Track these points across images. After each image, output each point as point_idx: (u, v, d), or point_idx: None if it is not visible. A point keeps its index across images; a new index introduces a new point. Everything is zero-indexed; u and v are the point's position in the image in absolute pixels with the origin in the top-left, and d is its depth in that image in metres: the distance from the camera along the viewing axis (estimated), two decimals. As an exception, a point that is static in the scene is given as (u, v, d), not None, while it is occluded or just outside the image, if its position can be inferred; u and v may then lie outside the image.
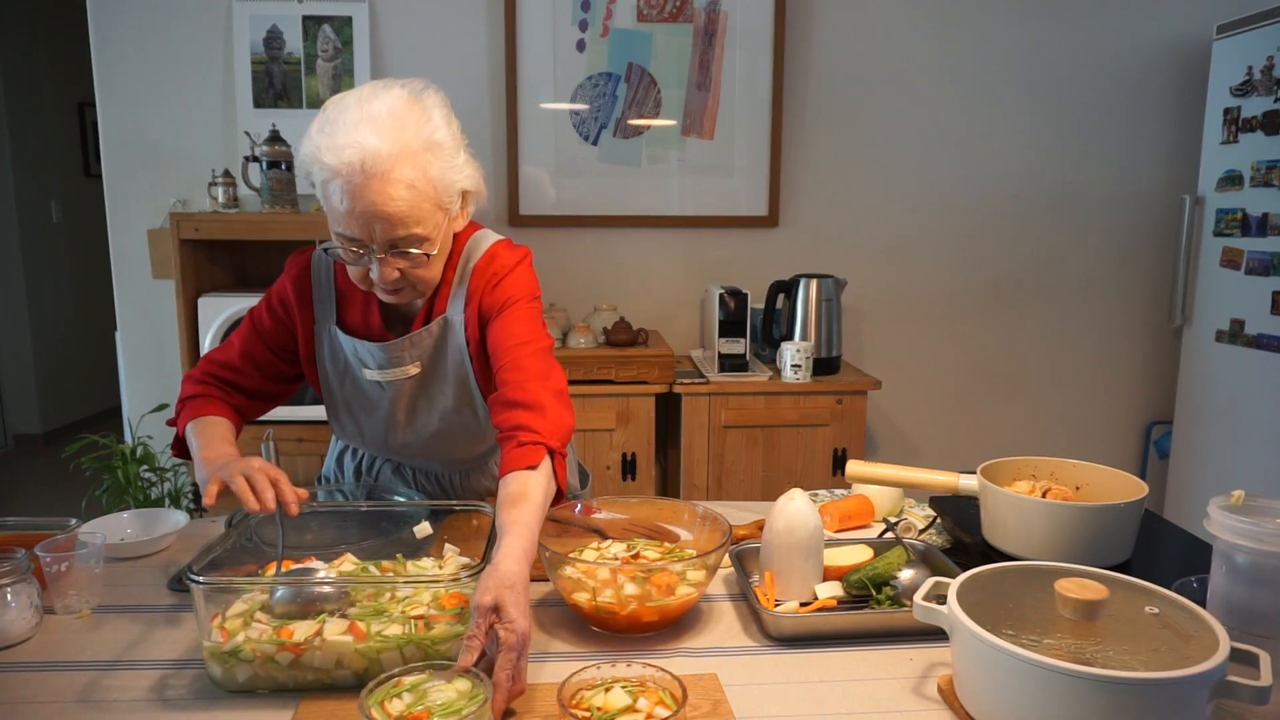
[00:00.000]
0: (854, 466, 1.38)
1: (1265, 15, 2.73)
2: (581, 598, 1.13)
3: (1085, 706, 0.82)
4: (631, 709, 0.89)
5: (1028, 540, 1.22)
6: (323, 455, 1.71)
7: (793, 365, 2.74)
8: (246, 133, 2.84)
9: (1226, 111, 2.89)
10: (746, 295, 2.79)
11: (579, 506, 1.35)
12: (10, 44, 4.90)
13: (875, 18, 3.09)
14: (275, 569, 1.12)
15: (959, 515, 1.40)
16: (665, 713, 0.88)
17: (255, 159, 2.73)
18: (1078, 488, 1.34)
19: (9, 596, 1.11)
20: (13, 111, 4.90)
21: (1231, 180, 2.89)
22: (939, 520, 1.50)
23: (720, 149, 3.09)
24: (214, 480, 1.14)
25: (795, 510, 1.20)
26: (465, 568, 1.14)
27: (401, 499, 1.43)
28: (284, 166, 2.68)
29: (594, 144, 3.05)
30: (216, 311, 2.60)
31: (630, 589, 1.12)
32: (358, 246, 1.23)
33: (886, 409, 3.35)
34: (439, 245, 1.28)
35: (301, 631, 0.99)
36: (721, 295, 2.78)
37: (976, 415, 3.38)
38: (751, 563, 1.31)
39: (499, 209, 3.05)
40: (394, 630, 1.00)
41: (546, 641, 1.13)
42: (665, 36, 3.02)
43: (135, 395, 3.03)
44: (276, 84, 2.92)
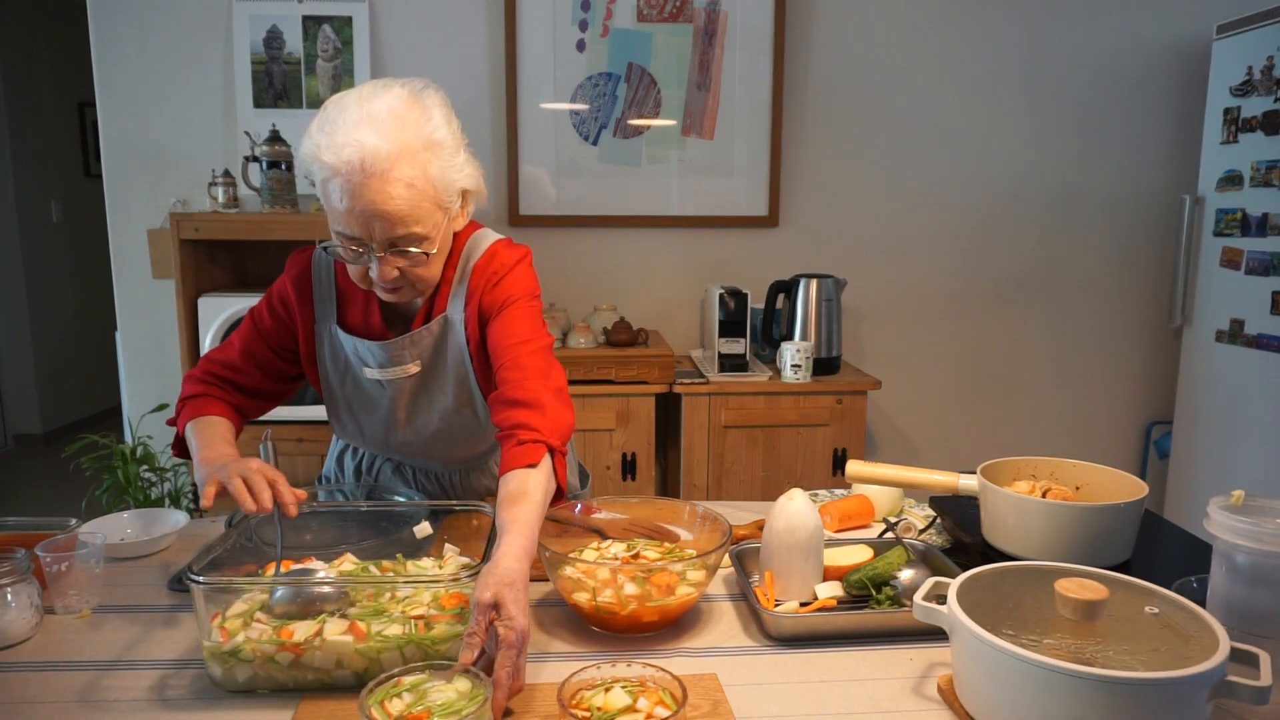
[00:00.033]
0: (854, 466, 1.38)
1: (1265, 15, 2.73)
2: (581, 598, 1.13)
3: (1085, 706, 0.82)
4: (631, 709, 0.89)
5: (1028, 540, 1.22)
6: (323, 455, 1.71)
7: (793, 365, 2.74)
8: (246, 133, 2.84)
9: (1226, 111, 2.89)
10: (746, 295, 2.79)
11: (579, 506, 1.35)
12: (10, 44, 4.90)
13: (875, 18, 3.09)
14: (275, 569, 1.12)
15: (959, 515, 1.40)
16: (665, 713, 0.88)
17: (255, 159, 2.73)
18: (1078, 488, 1.34)
19: (9, 596, 1.11)
20: (13, 111, 4.90)
21: (1231, 180, 2.89)
22: (939, 520, 1.50)
23: (720, 149, 3.09)
24: (211, 482, 1.14)
25: (795, 510, 1.20)
26: (465, 568, 1.14)
27: (401, 499, 1.43)
28: (284, 166, 2.68)
29: (594, 144, 3.05)
30: (216, 311, 2.60)
31: (630, 589, 1.12)
32: (357, 245, 1.23)
33: (886, 409, 3.35)
34: (438, 244, 1.28)
35: (301, 631, 0.99)
36: (721, 295, 2.78)
37: (976, 415, 3.38)
38: (751, 563, 1.31)
39: (499, 209, 3.05)
40: (394, 630, 1.00)
41: (546, 641, 1.13)
42: (665, 36, 3.01)
43: (135, 395, 3.03)
44: (276, 84, 2.92)
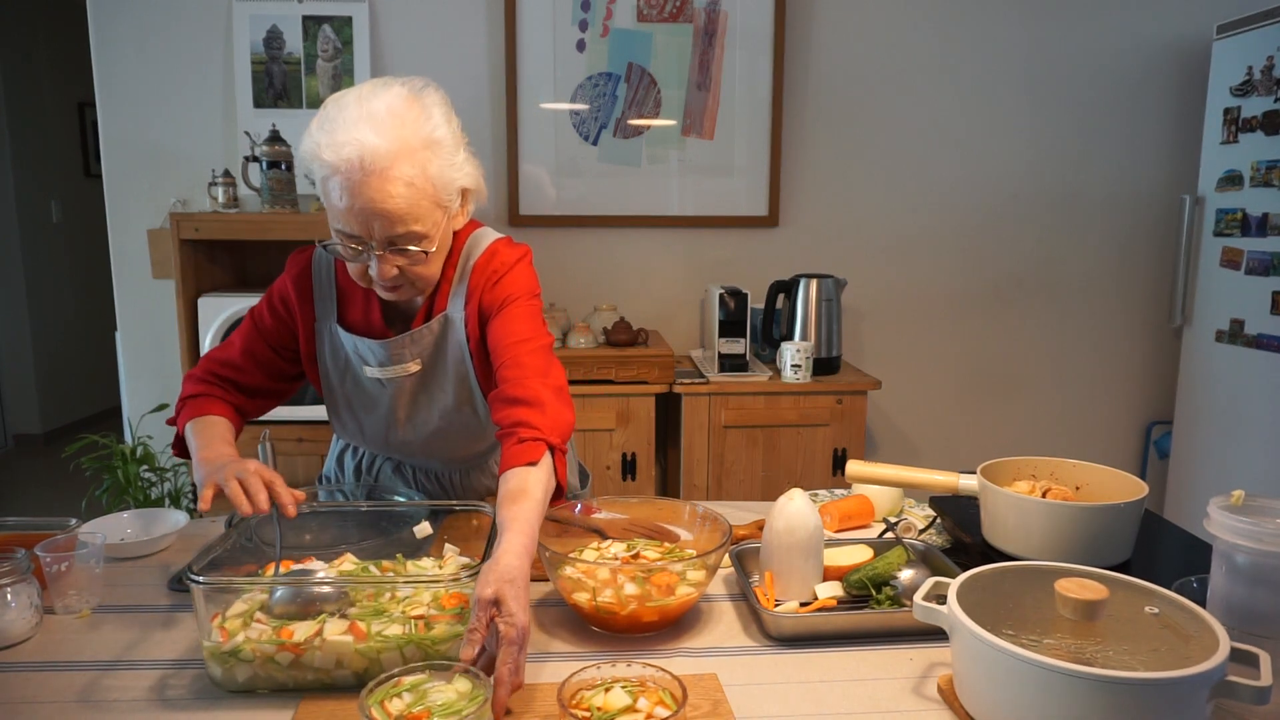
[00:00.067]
0: (854, 466, 1.38)
1: (1265, 15, 2.73)
2: (581, 598, 1.13)
3: (1085, 706, 0.82)
4: (631, 709, 0.89)
5: (1028, 540, 1.22)
6: (323, 455, 1.71)
7: (793, 365, 2.74)
8: (246, 133, 2.84)
9: (1226, 111, 2.89)
10: (746, 295, 2.79)
11: (579, 506, 1.35)
12: (10, 44, 4.90)
13: (875, 18, 3.09)
14: (274, 569, 1.12)
15: (959, 515, 1.40)
16: (665, 713, 0.88)
17: (255, 159, 2.73)
18: (1078, 488, 1.34)
19: (9, 596, 1.11)
20: (13, 111, 4.89)
21: (1231, 180, 2.89)
22: (939, 520, 1.50)
23: (720, 149, 3.09)
24: (208, 484, 1.14)
25: (795, 510, 1.20)
26: (465, 568, 1.14)
27: (401, 499, 1.43)
28: (284, 166, 2.68)
29: (594, 144, 3.05)
30: (216, 311, 2.60)
31: (630, 589, 1.12)
32: (357, 243, 1.23)
33: (886, 409, 3.35)
34: (438, 243, 1.28)
35: (301, 631, 0.99)
36: (721, 295, 2.78)
37: (976, 415, 3.38)
38: (751, 563, 1.30)
39: (499, 209, 3.05)
40: (394, 630, 1.00)
41: (546, 641, 1.13)
42: (665, 36, 3.01)
43: (135, 395, 3.03)
44: (276, 84, 2.92)
